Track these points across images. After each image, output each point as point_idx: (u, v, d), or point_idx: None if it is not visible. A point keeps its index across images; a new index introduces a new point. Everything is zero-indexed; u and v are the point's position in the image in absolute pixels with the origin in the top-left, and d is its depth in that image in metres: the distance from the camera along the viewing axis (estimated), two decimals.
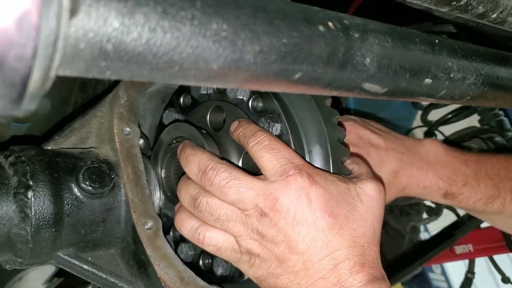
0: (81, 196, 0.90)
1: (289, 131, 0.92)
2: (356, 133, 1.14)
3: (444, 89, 0.65)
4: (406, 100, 0.65)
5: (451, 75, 0.64)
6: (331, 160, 0.92)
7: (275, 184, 0.82)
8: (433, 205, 2.20)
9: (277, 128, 0.92)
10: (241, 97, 0.97)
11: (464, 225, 1.82)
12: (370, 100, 1.97)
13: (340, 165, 0.93)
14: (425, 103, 1.96)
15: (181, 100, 1.10)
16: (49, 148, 0.97)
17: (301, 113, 0.94)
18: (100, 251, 0.96)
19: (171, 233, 1.06)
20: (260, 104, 0.96)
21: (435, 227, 2.19)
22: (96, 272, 0.94)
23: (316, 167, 0.87)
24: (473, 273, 2.26)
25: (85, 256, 0.94)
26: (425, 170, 1.18)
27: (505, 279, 2.14)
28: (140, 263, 0.95)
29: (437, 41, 0.63)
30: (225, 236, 0.88)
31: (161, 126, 1.14)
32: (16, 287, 1.41)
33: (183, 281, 0.94)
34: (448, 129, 1.99)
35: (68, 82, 1.46)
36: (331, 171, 0.91)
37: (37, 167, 0.87)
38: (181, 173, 0.99)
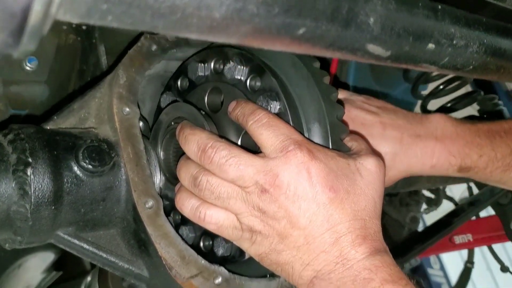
0: (81, 175, 0.89)
1: (287, 109, 0.91)
2: (348, 115, 1.08)
3: (446, 56, 0.64)
4: (409, 67, 0.65)
5: (454, 42, 0.63)
6: (330, 137, 0.92)
7: (275, 160, 0.82)
8: (432, 196, 2.21)
9: (275, 106, 0.91)
10: (238, 77, 0.97)
11: (463, 212, 1.81)
12: (369, 91, 1.97)
13: (339, 142, 0.92)
14: (424, 92, 1.95)
15: (179, 83, 1.09)
16: (48, 127, 0.96)
17: (300, 91, 0.93)
18: (100, 230, 0.95)
19: (171, 216, 1.05)
20: (258, 84, 0.95)
21: (433, 219, 2.19)
22: (97, 251, 0.93)
23: (316, 143, 0.87)
24: (472, 263, 2.26)
25: (85, 236, 0.93)
26: (431, 148, 1.13)
27: (504, 268, 2.14)
28: (140, 242, 0.94)
29: (440, 7, 0.63)
30: (226, 214, 0.87)
31: (159, 110, 1.13)
32: (15, 275, 1.40)
33: (184, 260, 0.93)
34: None
35: (66, 68, 1.45)
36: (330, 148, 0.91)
37: (36, 145, 0.86)
38: (180, 154, 0.99)
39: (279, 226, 0.82)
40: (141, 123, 1.04)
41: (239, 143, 0.96)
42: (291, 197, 0.80)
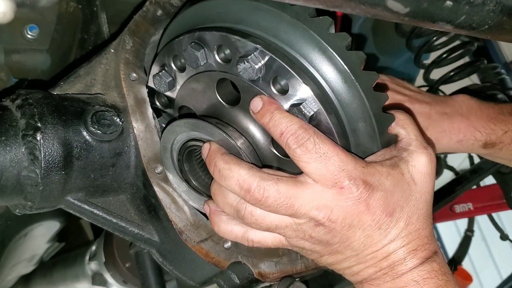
0: (90, 140, 0.89)
1: (326, 112, 0.80)
2: None
3: (463, 15, 0.64)
4: (426, 25, 0.64)
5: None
6: (377, 135, 0.84)
7: (328, 194, 0.77)
8: None
9: (311, 108, 0.80)
10: (256, 76, 0.81)
11: (465, 181, 1.83)
12: (372, 59, 1.95)
13: (387, 136, 0.85)
14: (427, 61, 1.94)
15: (172, 62, 0.93)
16: (55, 93, 0.95)
17: (337, 87, 0.81)
18: (110, 196, 0.95)
19: None
20: (284, 85, 0.82)
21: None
22: (107, 216, 0.94)
23: (367, 163, 0.80)
24: (472, 232, 2.28)
25: (95, 201, 0.94)
26: (457, 124, 1.16)
27: (504, 236, 2.17)
28: (150, 207, 0.95)
29: None
30: (273, 236, 0.86)
31: (151, 93, 1.00)
32: (22, 243, 1.41)
33: (194, 224, 0.94)
34: (450, 88, 1.99)
35: (68, 37, 1.43)
36: (379, 147, 0.85)
37: (44, 110, 0.86)
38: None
39: (331, 248, 0.82)
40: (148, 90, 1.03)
41: (272, 149, 0.88)
42: (346, 227, 0.78)
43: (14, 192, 0.85)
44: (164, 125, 1.01)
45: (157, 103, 1.00)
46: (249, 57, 0.79)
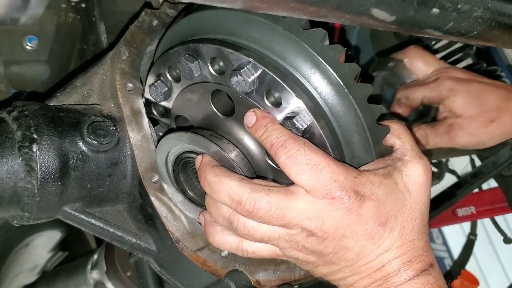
0: (86, 150, 0.90)
1: (319, 125, 0.80)
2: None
3: (451, 21, 0.64)
4: (414, 33, 0.64)
5: (458, 6, 0.63)
6: (372, 147, 0.84)
7: (319, 205, 0.77)
8: (435, 169, 2.21)
9: (304, 121, 0.80)
10: (249, 89, 0.81)
11: (466, 184, 1.82)
12: (371, 63, 1.95)
13: (382, 147, 0.85)
14: None
15: (167, 73, 0.93)
16: (52, 104, 0.96)
17: (331, 101, 0.81)
18: (107, 206, 0.96)
19: None
20: (278, 97, 0.81)
21: (436, 193, 2.20)
22: (104, 226, 0.94)
23: (359, 172, 0.80)
24: (475, 235, 2.27)
25: (93, 211, 0.94)
26: None
27: (507, 240, 2.15)
28: (147, 217, 0.95)
29: None
30: (267, 247, 0.86)
31: (147, 103, 1.00)
32: (23, 253, 1.42)
33: (191, 233, 0.94)
34: None
35: (67, 48, 1.45)
36: (374, 159, 0.85)
37: (40, 121, 0.86)
38: None
39: (325, 258, 0.81)
40: (144, 100, 1.04)
41: (267, 160, 0.88)
42: (339, 238, 0.78)
43: (11, 204, 0.85)
44: (161, 134, 1.02)
45: (154, 112, 1.01)
46: (242, 70, 0.80)
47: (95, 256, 1.70)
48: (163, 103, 0.97)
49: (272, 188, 0.78)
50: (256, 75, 0.80)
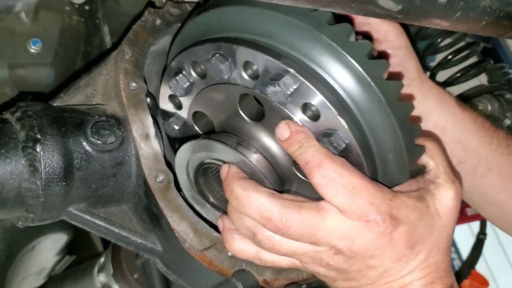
0: (90, 150, 0.89)
1: (356, 143, 0.77)
2: None
3: (459, 11, 0.63)
4: (420, 23, 0.63)
5: None
6: (407, 167, 0.81)
7: (351, 225, 0.75)
8: None
9: (342, 139, 0.77)
10: (284, 99, 0.76)
11: None
12: None
13: (416, 167, 0.83)
14: (432, 64, 1.93)
15: (191, 69, 0.90)
16: (55, 105, 0.95)
17: (370, 117, 0.77)
18: (112, 206, 0.95)
19: None
20: (315, 111, 0.78)
21: None
22: (109, 227, 0.93)
23: (394, 194, 0.78)
24: (484, 234, 2.25)
25: (98, 212, 0.94)
26: None
27: None
28: (153, 217, 0.94)
29: None
30: (287, 259, 0.84)
31: (172, 97, 0.97)
32: (29, 257, 1.41)
33: (197, 233, 0.93)
34: (456, 90, 1.97)
35: (71, 50, 1.44)
36: (407, 179, 0.83)
37: (44, 121, 0.86)
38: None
39: (346, 275, 0.80)
40: (148, 100, 1.03)
41: (294, 170, 0.85)
42: (366, 258, 0.77)
43: (16, 205, 0.85)
44: (176, 128, 0.99)
45: (170, 105, 0.98)
46: (280, 80, 0.75)
47: (102, 259, 1.70)
48: (182, 98, 0.94)
49: (303, 205, 0.76)
50: (295, 86, 0.76)
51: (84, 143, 0.89)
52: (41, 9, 1.32)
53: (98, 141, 0.89)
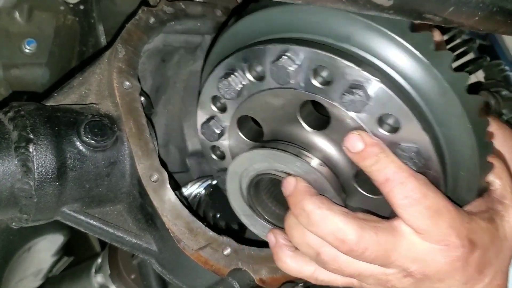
0: (83, 150, 0.88)
1: (438, 162, 0.73)
2: None
3: (451, 6, 0.62)
4: (414, 19, 0.62)
5: None
6: (476, 185, 0.78)
7: (427, 247, 0.72)
8: None
9: (423, 156, 0.73)
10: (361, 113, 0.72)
11: None
12: None
13: (484, 185, 0.80)
14: None
15: (248, 69, 0.83)
16: (49, 105, 0.95)
17: (449, 131, 0.73)
18: (106, 206, 0.95)
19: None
20: (393, 123, 0.73)
21: None
22: (104, 227, 0.93)
23: (470, 217, 0.75)
24: None
25: (92, 212, 0.93)
26: None
27: None
28: (148, 216, 0.93)
29: None
30: (347, 280, 0.81)
31: (215, 98, 0.90)
32: (25, 258, 1.41)
33: (192, 232, 0.92)
34: None
35: (66, 50, 1.44)
36: (474, 197, 0.80)
37: (37, 121, 0.85)
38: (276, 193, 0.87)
39: None
40: (142, 99, 1.02)
41: (354, 184, 0.81)
42: (435, 281, 0.74)
43: (9, 205, 0.84)
44: (217, 132, 0.94)
45: (212, 106, 0.92)
46: (360, 89, 0.70)
47: (99, 260, 1.70)
48: (229, 101, 0.88)
49: (378, 226, 0.73)
50: (375, 96, 0.71)
51: (78, 143, 0.88)
52: (36, 9, 1.32)
53: (92, 141, 0.88)
